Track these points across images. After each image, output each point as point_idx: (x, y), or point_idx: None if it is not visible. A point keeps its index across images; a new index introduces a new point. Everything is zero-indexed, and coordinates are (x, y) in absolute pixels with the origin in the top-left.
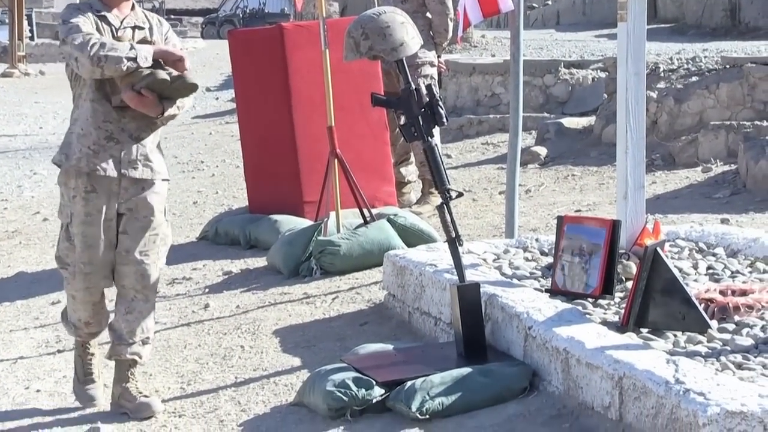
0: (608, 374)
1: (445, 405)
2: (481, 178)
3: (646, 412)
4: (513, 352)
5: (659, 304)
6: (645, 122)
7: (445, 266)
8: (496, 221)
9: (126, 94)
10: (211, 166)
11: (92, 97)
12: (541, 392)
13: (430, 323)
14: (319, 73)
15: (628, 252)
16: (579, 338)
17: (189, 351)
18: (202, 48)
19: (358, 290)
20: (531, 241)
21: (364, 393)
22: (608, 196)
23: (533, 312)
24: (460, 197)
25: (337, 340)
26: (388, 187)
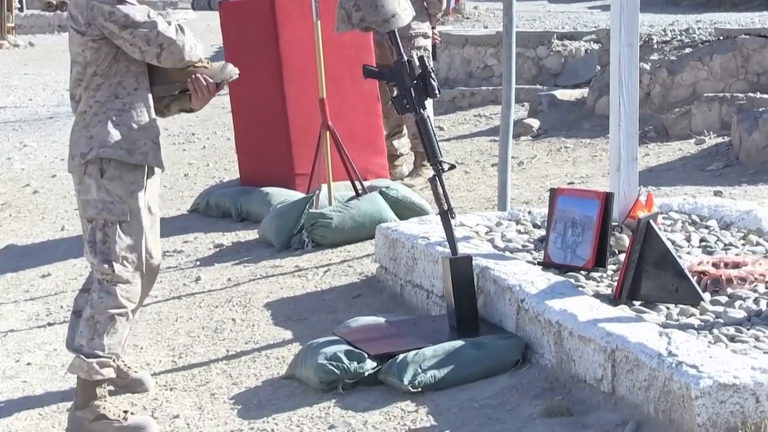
0: (601, 347)
1: (437, 378)
2: (473, 151)
3: (638, 385)
4: (505, 324)
5: (652, 276)
6: (638, 94)
7: (437, 239)
8: (489, 194)
9: (206, 86)
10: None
11: (146, 86)
12: (534, 365)
13: (422, 296)
14: (311, 44)
15: (621, 224)
16: (571, 311)
17: (180, 324)
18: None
19: (350, 263)
20: (523, 214)
21: (356, 366)
22: (601, 168)
23: (526, 285)
24: (452, 169)
25: (329, 313)
26: (380, 160)
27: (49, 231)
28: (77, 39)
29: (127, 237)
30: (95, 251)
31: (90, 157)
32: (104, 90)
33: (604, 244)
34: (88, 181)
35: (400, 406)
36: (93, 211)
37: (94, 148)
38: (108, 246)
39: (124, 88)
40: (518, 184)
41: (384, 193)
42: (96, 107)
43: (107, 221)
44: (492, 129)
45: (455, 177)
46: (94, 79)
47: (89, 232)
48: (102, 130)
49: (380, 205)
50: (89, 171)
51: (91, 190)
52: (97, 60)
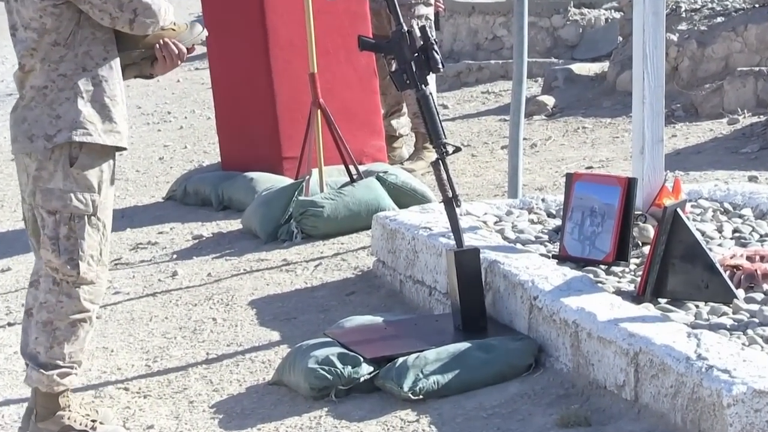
0: (622, 349)
1: (440, 384)
2: (481, 131)
3: (664, 392)
4: (516, 325)
5: (679, 271)
6: (664, 68)
7: (440, 229)
8: (498, 179)
9: (177, 53)
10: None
11: (115, 54)
12: (548, 370)
13: (424, 293)
14: (300, 13)
15: (645, 213)
16: (590, 309)
17: (155, 324)
18: None
19: (343, 256)
20: (537, 202)
21: (350, 371)
22: (623, 150)
23: (539, 280)
24: (457, 152)
25: (321, 312)
26: (378, 141)
27: (8, 221)
28: (33, 3)
29: (95, 232)
30: (59, 249)
31: (59, 140)
32: (69, 62)
33: (627, 236)
34: (52, 168)
35: (399, 416)
36: (58, 203)
37: (64, 129)
38: (74, 243)
39: (92, 59)
40: (531, 168)
41: (381, 178)
42: (61, 82)
43: (74, 215)
44: (502, 107)
45: (461, 161)
46: (55, 50)
47: (50, 227)
48: (71, 108)
49: (377, 191)
50: (55, 156)
51: (56, 179)
52: (57, 27)
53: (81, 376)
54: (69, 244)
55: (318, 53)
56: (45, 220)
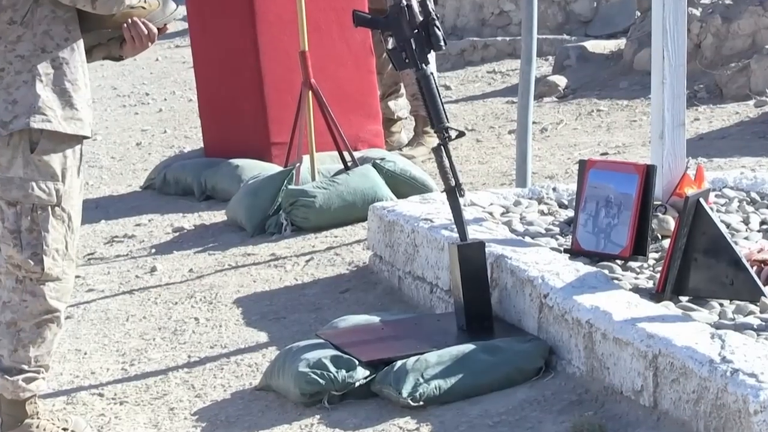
0: (640, 352)
1: (442, 389)
2: (486, 114)
3: (686, 397)
4: (525, 325)
5: (702, 266)
6: (686, 46)
7: (442, 221)
8: (505, 166)
9: (147, 33)
10: (158, 99)
11: (78, 35)
12: (559, 373)
13: (425, 290)
14: None
15: (665, 204)
16: (605, 308)
17: (132, 324)
18: None
19: (337, 250)
20: (547, 191)
21: (344, 375)
22: (641, 135)
23: (550, 276)
24: (460, 137)
25: (312, 311)
26: (374, 125)
27: None
28: None
29: (60, 224)
30: (20, 243)
31: (15, 126)
32: (26, 42)
33: (645, 228)
34: (11, 155)
35: (397, 424)
36: (19, 193)
37: (20, 115)
38: (37, 236)
39: (52, 39)
40: (541, 155)
41: (378, 165)
42: (18, 64)
43: (36, 205)
44: (509, 88)
45: (465, 146)
46: (12, 29)
47: (12, 219)
48: (29, 92)
49: (374, 180)
50: (13, 143)
51: (15, 167)
52: (14, 4)
53: (50, 380)
54: (32, 237)
55: (309, 29)
56: (5, 212)
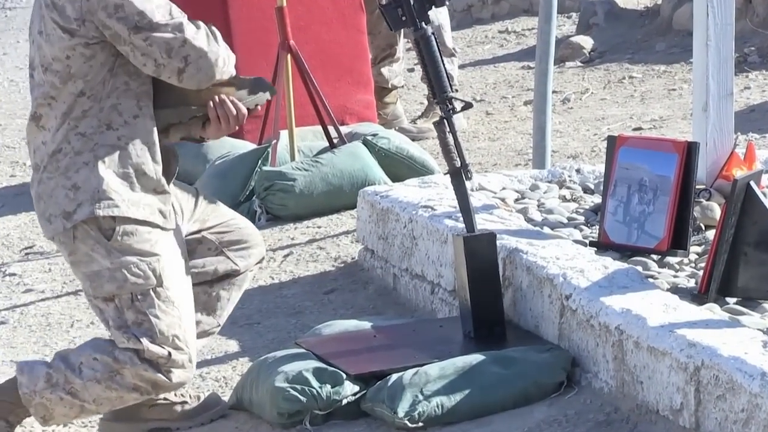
0: (680, 363)
1: (445, 408)
2: (498, 82)
3: (733, 417)
4: (543, 331)
5: (753, 262)
6: (734, 1)
7: (446, 209)
8: (520, 144)
9: (235, 114)
10: None
11: (150, 112)
12: (584, 389)
13: (425, 291)
14: None
15: (710, 188)
16: (638, 312)
17: (77, 331)
18: None
19: (320, 243)
20: (569, 173)
21: (329, 391)
22: (681, 107)
23: (573, 274)
24: (467, 109)
25: (291, 316)
26: (365, 95)
27: None
28: (60, 40)
29: (169, 306)
30: (134, 334)
31: (80, 216)
32: (91, 117)
33: (686, 217)
34: (85, 249)
35: None
36: (111, 286)
37: (84, 203)
38: (149, 326)
39: (120, 115)
40: (562, 130)
41: (370, 143)
42: (79, 143)
43: (135, 293)
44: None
45: (472, 120)
46: (80, 102)
47: (114, 316)
48: (91, 175)
49: (364, 160)
50: (81, 235)
51: (98, 259)
52: (86, 73)
53: None
54: (143, 329)
55: None
56: (104, 311)
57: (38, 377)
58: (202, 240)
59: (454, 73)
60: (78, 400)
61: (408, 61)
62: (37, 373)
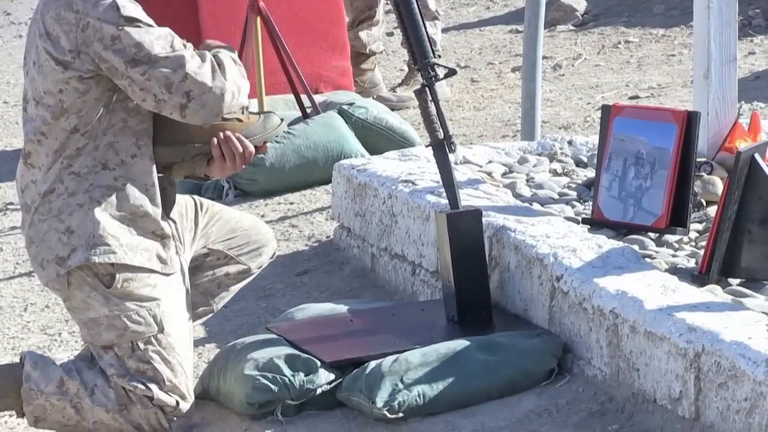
0: (679, 349)
1: (427, 397)
2: (484, 47)
3: (735, 406)
4: (533, 315)
5: (758, 241)
6: None
7: (428, 184)
8: (507, 114)
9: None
10: None
11: (149, 152)
12: (576, 377)
13: (405, 272)
14: None
15: (711, 161)
16: (634, 294)
17: (31, 315)
18: None
19: (293, 221)
20: (561, 145)
21: (302, 379)
22: (681, 74)
23: (564, 254)
24: (451, 76)
25: (261, 299)
26: (340, 61)
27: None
28: (53, 72)
29: (170, 352)
30: (138, 380)
31: (74, 262)
32: (86, 156)
33: (685, 192)
34: (81, 295)
35: None
36: (111, 335)
37: (79, 248)
38: (153, 373)
39: (117, 154)
40: (553, 99)
41: (346, 113)
42: (73, 183)
43: (135, 341)
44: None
45: (456, 88)
46: (72, 139)
47: (115, 364)
48: (86, 218)
49: (340, 131)
50: (76, 282)
51: (95, 306)
52: (80, 109)
53: None
54: (147, 377)
55: None
56: (104, 357)
57: (51, 379)
58: (210, 253)
59: (437, 37)
60: (80, 416)
61: (387, 25)
62: (51, 375)
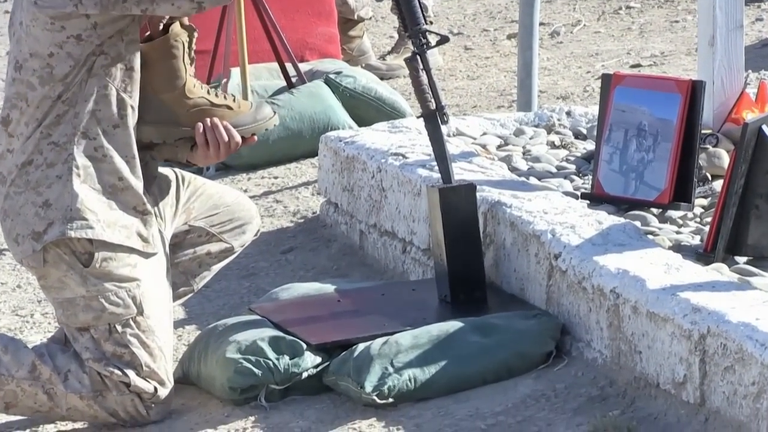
0: (683, 330)
1: (419, 382)
2: (477, 13)
3: (742, 391)
4: (529, 295)
5: (766, 216)
6: None
7: (419, 157)
8: (503, 84)
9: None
10: None
11: (131, 122)
12: (575, 360)
13: (395, 249)
14: None
15: (717, 133)
16: (636, 273)
17: (3, 296)
18: None
19: (277, 196)
20: (559, 116)
21: (287, 363)
22: (684, 41)
23: (562, 230)
24: (443, 44)
25: (244, 278)
26: (327, 28)
27: None
28: (45, 33)
29: (150, 336)
30: (116, 365)
31: (50, 237)
32: (66, 124)
33: (690, 165)
34: (57, 274)
35: (359, 427)
36: (87, 316)
37: (56, 222)
38: (130, 357)
39: (98, 123)
40: (551, 67)
41: (333, 82)
42: (52, 154)
43: (113, 323)
44: None
45: (449, 56)
46: (55, 107)
47: (91, 347)
48: (65, 191)
49: (327, 102)
50: (53, 259)
51: (72, 286)
52: (67, 75)
53: None
54: (124, 361)
55: None
56: (79, 340)
57: (23, 364)
58: (191, 230)
59: (429, 2)
60: (52, 403)
61: None
62: (22, 359)
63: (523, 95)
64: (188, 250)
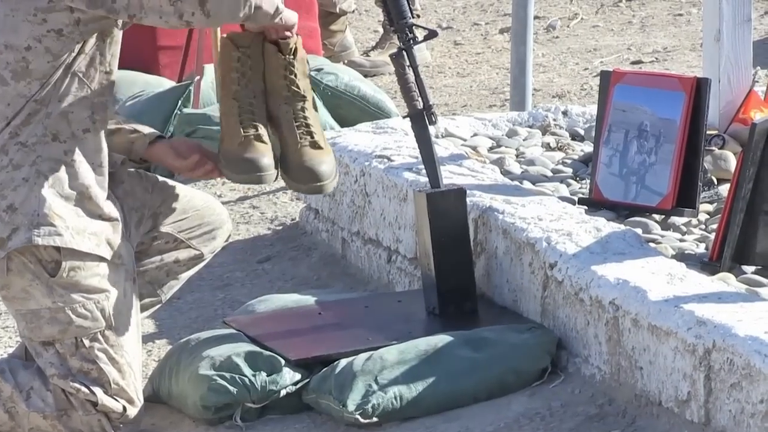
0: (687, 345)
1: (405, 400)
2: (468, 6)
3: (750, 409)
4: (523, 307)
5: None
6: None
7: (405, 159)
8: (495, 81)
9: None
10: None
11: (103, 127)
12: (572, 376)
13: (380, 258)
14: None
15: (723, 134)
16: (637, 283)
17: None
18: None
19: (253, 201)
20: (555, 116)
21: (264, 380)
22: (689, 36)
23: (558, 238)
24: (431, 39)
25: (218, 289)
26: (307, 21)
27: None
28: (25, 23)
29: (119, 351)
30: (83, 384)
31: (15, 243)
32: (36, 124)
33: (694, 168)
34: (21, 284)
35: None
36: (53, 329)
37: (21, 228)
38: (98, 374)
39: (69, 126)
40: (547, 64)
41: (314, 79)
42: (18, 155)
43: (80, 337)
44: None
45: (438, 52)
46: (28, 106)
47: (56, 362)
48: (31, 195)
49: None
50: (17, 267)
51: (37, 297)
52: (45, 74)
53: None
54: (90, 378)
55: None
56: (43, 355)
57: None
58: (157, 236)
59: None
60: (14, 422)
61: None
62: None
63: (516, 94)
64: (155, 257)
